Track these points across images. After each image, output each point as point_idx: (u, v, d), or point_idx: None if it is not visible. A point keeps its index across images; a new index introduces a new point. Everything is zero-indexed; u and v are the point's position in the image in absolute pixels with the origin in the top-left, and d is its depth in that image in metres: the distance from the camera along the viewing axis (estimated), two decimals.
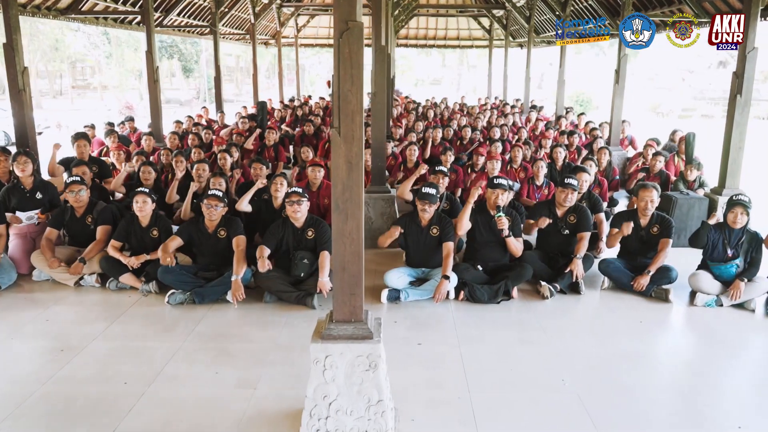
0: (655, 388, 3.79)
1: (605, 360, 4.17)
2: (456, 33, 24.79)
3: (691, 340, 4.66)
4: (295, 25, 23.19)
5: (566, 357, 4.22)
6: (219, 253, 5.24)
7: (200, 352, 4.17)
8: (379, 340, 3.05)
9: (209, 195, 5.18)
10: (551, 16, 16.83)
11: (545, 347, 4.39)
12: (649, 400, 3.64)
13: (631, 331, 4.64)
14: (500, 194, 5.27)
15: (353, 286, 3.05)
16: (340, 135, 2.85)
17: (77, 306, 4.98)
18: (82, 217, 5.65)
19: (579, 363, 4.12)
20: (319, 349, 3.01)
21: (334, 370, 3.03)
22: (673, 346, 4.54)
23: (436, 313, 4.89)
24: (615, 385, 3.83)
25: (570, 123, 13.43)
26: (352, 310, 3.07)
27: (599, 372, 3.99)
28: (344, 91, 2.81)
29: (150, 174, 6.61)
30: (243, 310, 4.89)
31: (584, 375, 3.93)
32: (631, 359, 4.19)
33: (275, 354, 4.15)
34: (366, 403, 3.06)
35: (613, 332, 4.62)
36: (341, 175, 2.90)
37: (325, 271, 4.97)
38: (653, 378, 3.96)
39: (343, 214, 2.95)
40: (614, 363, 4.12)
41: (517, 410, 3.52)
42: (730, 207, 5.13)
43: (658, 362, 4.25)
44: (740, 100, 6.38)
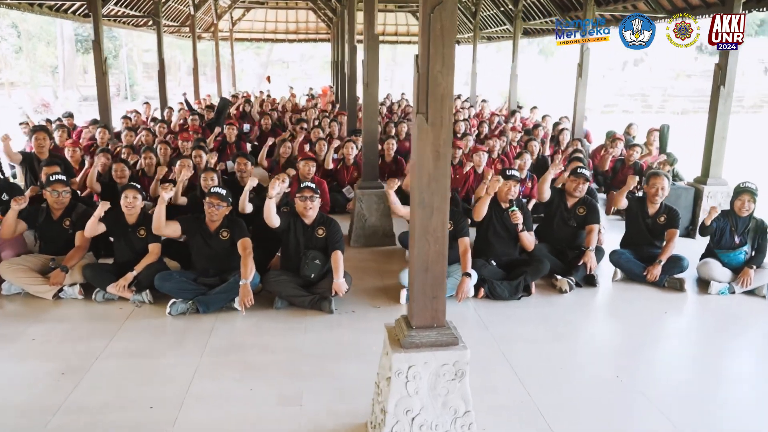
0: (719, 380, 3.74)
1: (649, 353, 4.10)
2: (394, 29, 24.63)
3: (725, 328, 4.61)
4: (230, 19, 22.37)
5: (607, 352, 4.12)
6: (220, 256, 4.81)
7: (223, 367, 3.77)
8: (465, 345, 2.80)
9: (211, 193, 4.73)
10: (496, 11, 16.97)
11: (582, 343, 4.28)
12: (721, 394, 3.57)
13: (660, 323, 4.60)
14: (512, 186, 5.12)
15: (436, 289, 2.77)
16: (427, 121, 2.57)
17: (64, 322, 4.42)
18: (59, 219, 5.07)
19: (624, 358, 4.01)
20: (402, 359, 2.72)
21: (418, 382, 2.75)
22: (709, 336, 4.50)
23: (459, 313, 4.67)
24: (675, 379, 3.75)
25: (523, 118, 13.54)
26: (434, 315, 2.80)
27: (652, 366, 3.91)
28: (434, 73, 2.54)
29: (124, 171, 6.03)
30: (254, 318, 4.50)
31: (637, 371, 3.83)
32: (675, 351, 4.15)
33: (308, 365, 3.81)
34: (452, 415, 2.80)
35: (643, 324, 4.57)
36: (427, 165, 2.62)
37: (340, 272, 4.65)
38: (710, 370, 3.91)
39: (428, 209, 2.67)
40: (660, 356, 4.06)
41: (586, 411, 3.35)
42: (737, 194, 5.19)
43: (704, 353, 4.20)
44: (723, 91, 6.51)
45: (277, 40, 25.24)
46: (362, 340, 4.15)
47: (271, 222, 4.71)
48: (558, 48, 42.84)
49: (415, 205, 2.67)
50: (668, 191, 5.42)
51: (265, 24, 24.09)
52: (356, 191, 6.26)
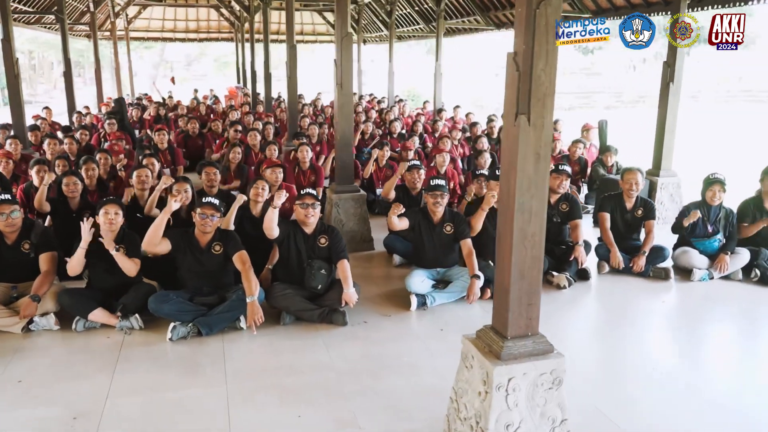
0: None
1: (676, 343, 4.28)
2: (300, 28, 24.20)
3: (730, 313, 4.87)
4: (125, 17, 21.01)
5: (638, 345, 4.23)
6: (213, 272, 4.43)
7: (257, 394, 3.45)
8: (560, 353, 2.71)
9: (204, 203, 4.33)
10: (410, 11, 17.11)
11: (603, 336, 4.36)
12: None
13: (666, 312, 4.81)
14: None
15: (531, 296, 2.67)
16: (529, 122, 2.46)
17: (46, 358, 3.88)
18: (15, 244, 4.44)
19: (658, 350, 4.15)
20: (503, 372, 2.59)
21: (517, 394, 2.63)
22: (725, 322, 4.75)
23: (472, 315, 4.60)
24: (727, 371, 3.91)
25: (447, 117, 13.71)
26: (529, 323, 2.69)
27: (689, 358, 4.07)
28: (537, 71, 2.43)
29: (77, 185, 5.41)
30: (264, 337, 4.18)
31: (674, 361, 3.95)
32: (700, 340, 4.35)
33: (346, 383, 3.57)
34: (550, 425, 2.70)
35: (651, 314, 4.78)
36: (527, 169, 2.51)
37: (350, 281, 4.44)
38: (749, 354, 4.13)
39: (527, 213, 2.56)
40: (687, 345, 4.22)
41: (645, 409, 3.38)
42: (708, 185, 5.48)
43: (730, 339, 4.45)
44: (672, 87, 6.89)
45: (176, 39, 24.05)
46: (388, 352, 3.98)
47: (271, 232, 4.42)
48: (445, 47, 44.13)
49: (515, 210, 2.55)
50: (642, 185, 5.62)
51: (163, 22, 22.87)
52: (332, 196, 6.02)
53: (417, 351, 4.01)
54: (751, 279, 5.28)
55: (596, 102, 39.86)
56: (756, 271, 5.27)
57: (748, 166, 8.65)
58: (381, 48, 20.64)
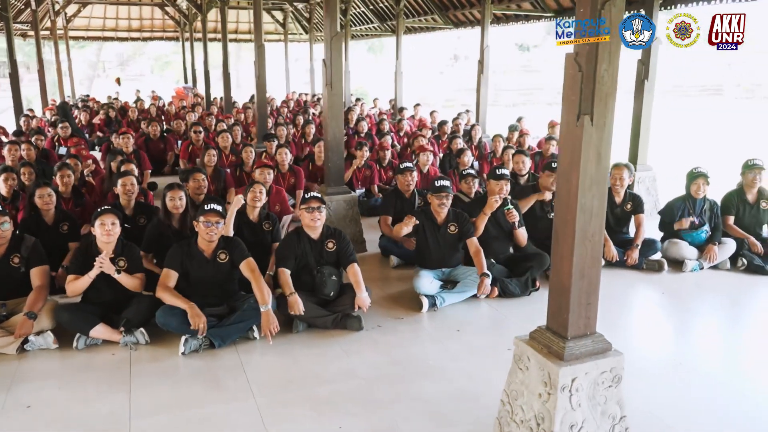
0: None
1: (692, 335, 4.43)
2: (248, 27, 23.73)
3: (728, 302, 5.04)
4: (64, 15, 20.07)
5: (650, 337, 4.31)
6: (219, 282, 4.26)
7: (289, 407, 3.33)
8: (619, 350, 2.73)
9: (207, 210, 4.14)
10: (364, 9, 17.03)
11: (619, 330, 4.42)
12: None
13: (669, 303, 4.96)
14: (504, 186, 5.12)
15: (591, 295, 2.67)
16: (592, 122, 2.45)
17: (51, 379, 3.63)
18: (4, 257, 4.15)
19: (687, 341, 4.30)
20: (567, 373, 2.58)
21: (579, 394, 2.63)
22: (726, 310, 4.93)
23: (483, 315, 4.62)
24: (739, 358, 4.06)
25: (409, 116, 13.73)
26: (587, 323, 2.69)
27: (705, 348, 4.20)
28: (600, 72, 2.42)
29: (51, 197, 5.05)
30: (280, 346, 4.05)
31: (692, 353, 4.07)
32: (711, 328, 4.52)
33: (377, 390, 3.50)
34: (611, 423, 2.71)
35: (657, 306, 4.96)
36: (590, 169, 2.50)
37: (362, 285, 4.36)
38: None
39: (588, 213, 2.56)
40: (700, 336, 4.37)
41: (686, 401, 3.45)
42: (693, 179, 5.66)
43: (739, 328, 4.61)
44: (647, 84, 7.09)
45: (117, 38, 23.17)
46: (411, 356, 3.92)
47: None
48: (384, 45, 44.23)
49: (577, 210, 2.53)
50: (628, 180, 5.76)
51: (104, 21, 21.99)
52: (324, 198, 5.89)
53: (439, 353, 3.97)
54: (738, 268, 5.50)
55: (538, 99, 40.79)
56: (743, 260, 5.48)
57: (702, 160, 9.03)
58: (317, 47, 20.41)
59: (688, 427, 3.15)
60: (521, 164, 6.39)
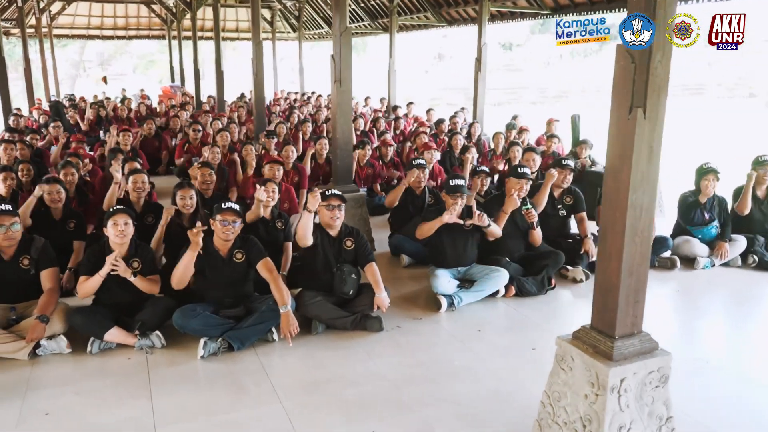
0: None
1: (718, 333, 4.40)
2: (235, 25, 23.50)
3: (744, 299, 5.03)
4: (48, 13, 19.69)
5: (685, 335, 4.31)
6: (236, 282, 4.16)
7: (318, 411, 3.24)
8: (666, 350, 2.67)
9: (224, 209, 4.03)
10: (355, 7, 16.92)
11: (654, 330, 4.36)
12: None
13: (685, 301, 4.95)
14: (524, 184, 5.07)
15: (638, 293, 2.61)
16: (645, 115, 2.39)
17: (67, 385, 3.50)
18: (13, 259, 3.99)
19: (709, 340, 4.30)
20: (617, 373, 2.52)
21: (628, 395, 2.57)
22: (743, 306, 4.92)
23: (503, 314, 4.56)
24: None
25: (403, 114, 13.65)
26: (634, 321, 2.63)
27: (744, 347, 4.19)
28: (654, 63, 2.37)
29: (61, 194, 4.94)
30: (301, 348, 3.95)
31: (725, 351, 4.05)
32: (739, 327, 4.51)
33: (407, 392, 3.41)
34: (658, 424, 2.66)
35: (675, 304, 4.88)
36: (641, 164, 2.44)
37: (381, 285, 4.28)
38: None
39: (638, 209, 2.50)
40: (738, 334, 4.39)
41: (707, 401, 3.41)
42: (703, 174, 5.64)
43: None
44: None
45: (103, 36, 22.81)
46: (436, 357, 3.85)
47: (305, 241, 4.18)
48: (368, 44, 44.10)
49: (627, 207, 2.47)
50: None
51: (89, 19, 21.63)
52: None
53: (464, 354, 3.90)
54: (749, 264, 5.49)
55: (522, 97, 40.93)
56: (754, 257, 5.48)
57: None
58: None
59: (728, 429, 3.10)
60: (531, 162, 6.34)
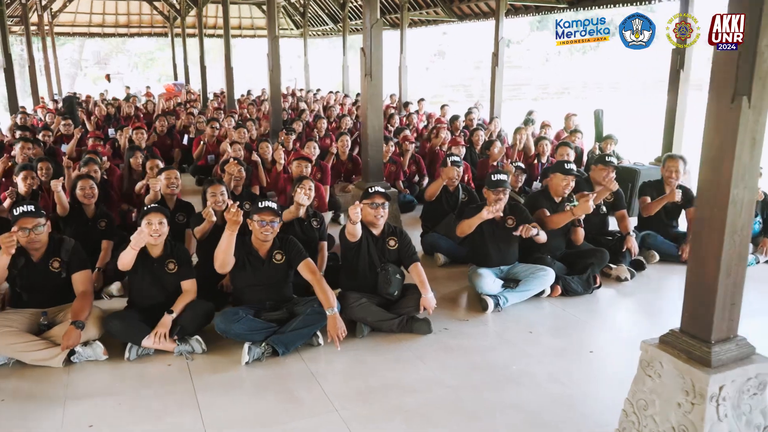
0: None
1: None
2: (237, 22, 23.27)
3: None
4: (49, 11, 19.45)
5: None
6: (275, 284, 3.98)
7: (377, 420, 3.07)
8: (764, 355, 2.51)
9: (262, 208, 3.85)
10: None
11: None
12: None
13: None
14: (570, 181, 4.90)
15: (735, 295, 2.45)
16: (750, 104, 2.22)
17: (108, 394, 3.32)
18: (42, 261, 3.80)
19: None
20: (717, 381, 2.35)
21: (726, 403, 2.41)
22: None
23: (551, 315, 4.40)
24: None
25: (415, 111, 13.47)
26: (730, 325, 2.47)
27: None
28: (761, 47, 2.19)
29: (93, 190, 4.78)
30: (349, 352, 3.77)
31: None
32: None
33: (469, 399, 3.24)
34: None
35: None
36: (744, 156, 2.28)
37: (427, 285, 4.11)
38: None
39: (739, 205, 2.33)
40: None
41: None
42: None
43: None
44: (682, 75, 6.92)
45: (105, 34, 22.58)
46: (492, 361, 3.68)
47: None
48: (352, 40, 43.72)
49: (728, 202, 2.31)
50: (683, 173, 5.58)
51: (90, 16, 21.39)
52: None
53: (520, 357, 3.72)
54: None
55: (524, 94, 40.78)
56: None
57: None
58: None
59: None
60: (566, 156, 6.17)
